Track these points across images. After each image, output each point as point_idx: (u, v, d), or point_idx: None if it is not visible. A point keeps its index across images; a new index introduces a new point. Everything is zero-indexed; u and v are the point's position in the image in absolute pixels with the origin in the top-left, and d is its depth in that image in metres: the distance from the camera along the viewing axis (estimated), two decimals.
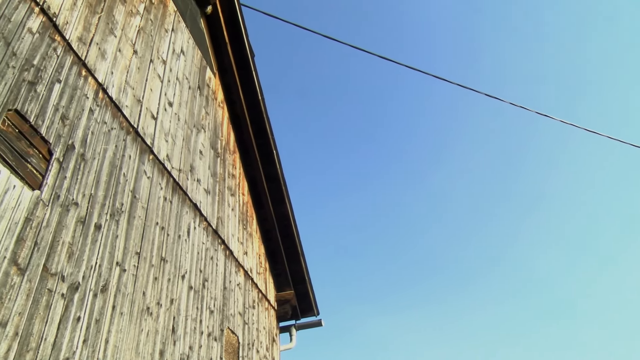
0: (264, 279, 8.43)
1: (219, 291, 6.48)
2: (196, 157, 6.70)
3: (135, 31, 5.81)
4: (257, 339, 7.44)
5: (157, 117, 5.84)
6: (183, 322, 5.36)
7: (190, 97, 6.94)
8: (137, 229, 4.89)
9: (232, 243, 7.29)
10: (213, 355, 5.86)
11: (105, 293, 4.19)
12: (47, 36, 4.22)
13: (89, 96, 4.60)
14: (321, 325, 9.25)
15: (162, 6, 6.71)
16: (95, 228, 4.24)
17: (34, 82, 3.92)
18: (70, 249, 3.87)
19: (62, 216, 3.87)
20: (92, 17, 4.96)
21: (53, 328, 3.50)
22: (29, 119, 3.76)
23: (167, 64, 6.47)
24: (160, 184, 5.57)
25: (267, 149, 8.73)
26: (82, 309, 3.85)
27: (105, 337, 4.05)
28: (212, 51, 8.24)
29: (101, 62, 4.92)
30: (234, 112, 8.52)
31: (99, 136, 4.62)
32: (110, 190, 4.59)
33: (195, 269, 5.94)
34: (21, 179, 3.54)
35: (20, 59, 3.83)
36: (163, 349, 4.84)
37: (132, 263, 4.66)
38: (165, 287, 5.17)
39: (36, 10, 4.16)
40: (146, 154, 5.40)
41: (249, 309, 7.39)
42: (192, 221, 6.15)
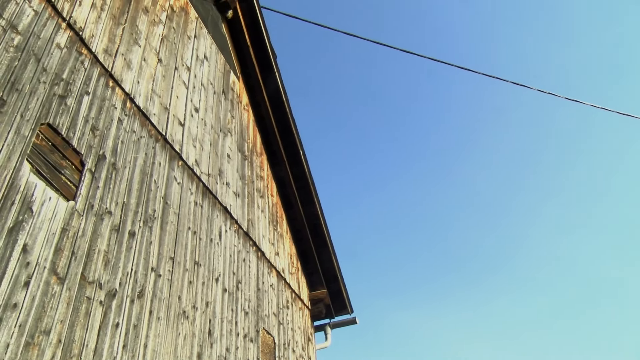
0: (297, 278, 8.47)
1: (253, 292, 6.54)
2: (224, 161, 6.77)
3: (159, 40, 5.90)
4: (293, 338, 7.48)
5: (185, 123, 5.92)
6: (219, 324, 5.42)
7: (215, 102, 7.02)
8: (170, 235, 4.97)
9: (264, 244, 7.34)
10: (250, 356, 5.92)
11: (142, 298, 4.27)
12: (74, 50, 4.32)
13: (117, 106, 4.69)
14: (356, 323, 9.24)
15: (183, 14, 6.80)
16: (129, 235, 4.33)
17: (64, 96, 4.02)
18: (106, 256, 3.96)
19: (97, 225, 3.96)
20: (117, 28, 5.06)
21: (93, 334, 3.59)
22: (61, 131, 3.86)
23: (192, 70, 6.55)
24: (191, 189, 5.64)
25: (294, 149, 8.76)
26: (120, 315, 3.93)
27: (144, 341, 4.13)
28: (234, 55, 8.31)
29: (127, 72, 5.02)
30: (259, 114, 8.57)
31: (129, 145, 4.71)
32: (142, 198, 4.68)
33: (228, 271, 6.00)
34: (56, 191, 3.63)
35: (50, 74, 3.93)
36: (200, 351, 4.91)
37: (166, 268, 4.74)
38: (200, 290, 5.24)
39: (63, 25, 4.26)
40: (175, 160, 5.48)
41: (283, 309, 7.43)
42: (223, 224, 6.22)
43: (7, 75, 3.51)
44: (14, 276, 3.09)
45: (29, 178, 3.43)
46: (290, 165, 8.79)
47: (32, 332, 3.10)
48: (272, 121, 8.57)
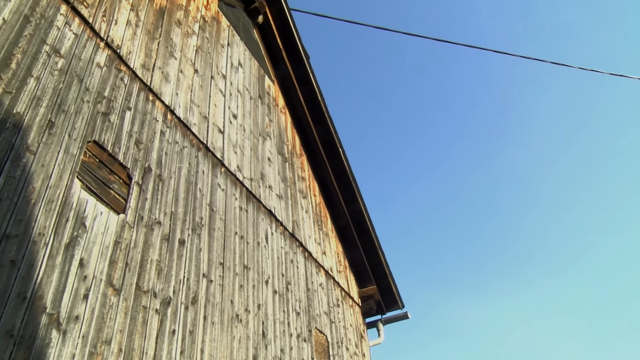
0: (345, 276, 8.48)
1: (303, 293, 6.58)
2: (265, 165, 6.84)
3: (194, 51, 6.01)
4: (345, 336, 7.49)
5: (224, 130, 6.02)
6: (272, 326, 5.48)
7: (252, 107, 7.10)
8: (218, 240, 5.06)
9: (310, 244, 7.38)
10: (304, 356, 5.96)
11: (196, 305, 4.36)
12: (113, 68, 4.45)
13: (158, 119, 4.81)
14: (407, 318, 9.17)
15: (215, 23, 6.91)
16: (179, 244, 4.43)
17: (107, 113, 4.15)
18: (158, 266, 4.07)
19: (148, 236, 4.08)
20: (152, 43, 5.18)
21: (152, 342, 3.69)
22: (107, 147, 3.99)
23: (227, 78, 6.65)
24: (235, 195, 5.73)
25: (333, 148, 8.76)
26: (175, 322, 4.03)
27: (200, 347, 4.22)
28: (268, 59, 8.38)
29: (165, 85, 5.14)
30: (296, 115, 8.62)
31: (172, 156, 4.82)
32: (189, 206, 4.78)
33: (277, 273, 6.06)
34: (107, 205, 3.76)
35: (92, 93, 4.07)
36: (256, 353, 4.98)
37: (217, 273, 4.83)
38: (251, 293, 5.31)
39: (101, 45, 4.40)
40: (218, 168, 5.57)
41: (333, 307, 7.45)
42: (268, 227, 6.29)
43: (54, 98, 3.65)
44: (74, 290, 3.22)
45: (80, 195, 3.56)
46: (331, 164, 8.80)
47: (95, 342, 3.21)
48: (309, 122, 8.60)
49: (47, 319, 2.97)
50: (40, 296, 2.98)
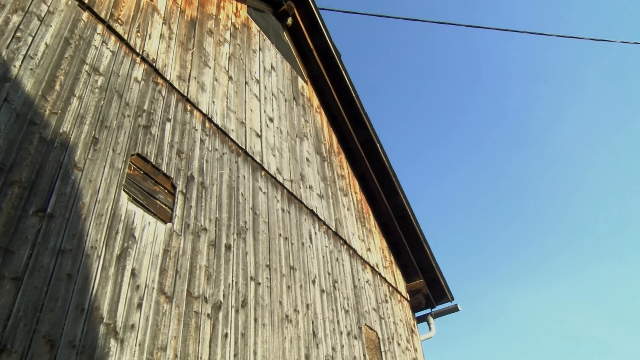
0: (392, 272, 8.43)
1: (350, 290, 6.59)
2: (304, 165, 6.88)
3: (227, 58, 6.10)
4: (396, 332, 7.45)
5: (262, 134, 6.08)
6: (321, 324, 5.51)
7: (288, 109, 7.15)
8: (263, 243, 5.12)
9: (354, 242, 7.37)
10: (356, 353, 5.97)
11: (246, 307, 4.43)
12: (151, 81, 4.57)
13: (197, 128, 4.91)
14: (458, 310, 9.04)
15: (245, 29, 6.99)
16: (225, 248, 4.51)
17: (148, 126, 4.26)
18: (207, 271, 4.15)
19: (195, 242, 4.17)
20: (186, 54, 5.29)
21: (205, 347, 3.77)
22: (150, 159, 4.10)
23: (261, 82, 6.72)
24: (276, 197, 5.78)
25: (371, 144, 8.73)
26: (227, 325, 4.10)
27: (253, 349, 4.28)
28: (299, 60, 8.42)
29: (202, 94, 5.24)
30: (331, 114, 8.63)
31: (213, 163, 4.91)
32: (233, 211, 4.86)
33: (323, 272, 6.09)
34: (153, 215, 3.86)
35: (132, 107, 4.18)
36: (308, 353, 5.02)
37: (264, 276, 4.89)
38: (299, 293, 5.35)
39: (138, 60, 4.52)
40: (258, 171, 5.64)
41: (382, 303, 7.42)
42: (312, 227, 6.32)
43: (97, 115, 3.78)
44: (128, 299, 3.32)
45: (128, 207, 3.67)
46: (369, 160, 8.77)
47: (151, 349, 3.31)
48: (345, 119, 8.60)
49: (105, 328, 3.08)
50: (97, 307, 3.09)
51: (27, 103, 3.27)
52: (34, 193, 3.04)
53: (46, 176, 3.16)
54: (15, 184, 2.95)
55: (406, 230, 9.00)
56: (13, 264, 2.73)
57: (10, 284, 2.67)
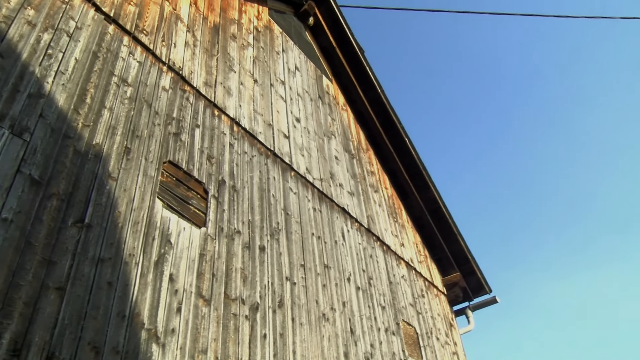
0: (427, 266, 8.36)
1: (386, 286, 6.56)
2: (333, 164, 6.88)
3: (251, 62, 6.15)
4: (434, 326, 7.39)
5: (289, 135, 6.11)
6: (359, 322, 5.51)
7: (314, 109, 7.16)
8: (297, 243, 5.15)
9: (387, 237, 7.34)
10: (395, 349, 5.94)
11: (283, 308, 4.46)
12: (178, 89, 4.64)
13: (225, 132, 4.96)
14: (496, 302, 8.90)
15: (268, 31, 7.03)
16: (260, 250, 4.55)
17: (178, 133, 4.33)
18: (243, 273, 4.19)
19: (230, 245, 4.21)
20: (211, 60, 5.35)
21: (245, 348, 3.81)
22: (181, 166, 4.16)
23: (286, 83, 6.75)
24: (307, 197, 5.80)
25: (399, 138, 8.67)
26: (265, 326, 4.14)
27: (292, 348, 4.31)
28: (323, 59, 8.42)
29: (228, 98, 5.29)
30: (357, 111, 8.61)
31: (243, 166, 4.95)
32: (265, 213, 4.90)
33: (358, 269, 6.08)
34: (188, 221, 3.92)
35: (162, 116, 4.26)
36: (346, 350, 5.02)
37: (299, 275, 4.91)
38: (335, 292, 5.36)
39: (164, 69, 4.60)
40: (288, 172, 5.67)
41: (418, 298, 7.37)
42: (344, 225, 6.32)
43: (128, 125, 3.86)
44: (167, 304, 3.38)
45: (163, 213, 3.74)
46: (399, 155, 8.71)
47: (192, 352, 3.36)
48: (371, 115, 8.56)
49: (146, 334, 3.14)
50: (138, 313, 3.16)
51: (61, 117, 3.36)
52: (72, 205, 3.12)
53: (82, 187, 3.25)
54: (54, 197, 3.03)
55: (439, 223, 8.91)
56: (56, 274, 2.81)
57: (55, 293, 2.75)
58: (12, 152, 2.94)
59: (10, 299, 2.54)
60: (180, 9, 5.30)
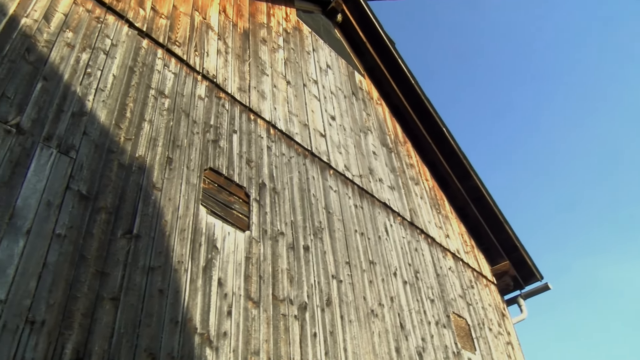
0: (474, 256, 8.23)
1: (433, 279, 6.49)
2: (371, 159, 6.85)
3: (282, 64, 6.19)
4: (486, 317, 7.26)
5: (325, 133, 6.12)
6: (408, 316, 5.47)
7: (348, 105, 7.15)
8: (340, 241, 5.15)
9: (431, 230, 7.26)
10: (447, 342, 5.87)
11: (331, 306, 4.47)
12: (214, 96, 4.71)
13: (262, 136, 5.01)
14: (549, 289, 8.67)
15: (297, 32, 7.06)
16: (304, 250, 4.57)
17: (216, 140, 4.40)
18: (289, 274, 4.23)
19: (274, 247, 4.26)
20: (243, 65, 5.42)
21: (296, 347, 3.84)
22: (222, 172, 4.23)
23: (319, 82, 6.76)
24: (347, 194, 5.80)
25: (436, 128, 8.56)
26: (315, 325, 4.16)
27: (343, 346, 4.31)
28: (354, 55, 8.40)
29: (263, 102, 5.34)
30: (392, 104, 8.54)
31: (282, 168, 4.99)
32: (307, 213, 4.92)
33: (403, 263, 6.04)
34: (232, 225, 3.98)
35: (200, 124, 4.33)
36: (398, 345, 4.99)
37: (345, 273, 4.91)
38: (382, 287, 5.34)
39: (199, 78, 4.68)
40: (327, 171, 5.68)
41: (467, 289, 7.26)
42: (386, 220, 6.29)
43: (168, 136, 3.95)
44: (218, 308, 3.44)
45: (207, 220, 3.81)
46: (437, 145, 8.60)
47: (245, 355, 3.41)
48: (407, 107, 8.48)
49: (199, 338, 3.21)
50: (190, 318, 3.23)
51: (103, 133, 3.47)
52: (120, 217, 3.21)
53: (129, 199, 3.34)
54: (102, 210, 3.13)
55: (484, 212, 8.74)
56: (109, 285, 2.90)
57: (110, 304, 2.84)
58: (61, 170, 3.05)
59: (69, 310, 2.64)
60: (210, 18, 5.38)
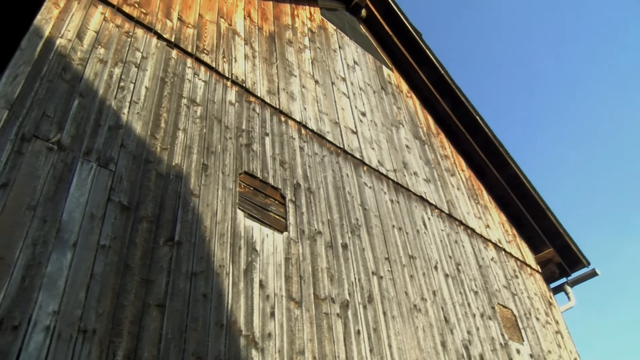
0: (517, 245, 8.07)
1: (476, 271, 6.40)
2: (405, 153, 6.80)
3: (310, 63, 6.21)
4: (532, 306, 7.12)
5: (357, 130, 6.11)
6: (452, 310, 5.41)
7: (378, 100, 7.12)
8: (378, 237, 5.13)
9: (470, 220, 7.16)
10: (493, 334, 5.78)
11: (373, 302, 4.46)
12: (244, 101, 4.77)
13: (294, 137, 5.04)
14: (597, 275, 8.42)
15: (322, 31, 7.06)
16: (342, 248, 4.58)
17: (249, 143, 4.45)
18: (329, 272, 4.24)
19: (313, 247, 4.28)
20: (271, 68, 5.46)
21: (341, 345, 3.85)
22: (257, 175, 4.28)
23: (347, 79, 6.75)
24: (383, 189, 5.77)
25: (469, 118, 8.42)
26: (358, 322, 4.16)
27: (387, 342, 4.30)
28: (380, 49, 8.35)
29: (293, 103, 5.37)
30: (422, 96, 8.45)
31: (316, 167, 5.01)
32: (343, 211, 4.92)
33: (444, 256, 5.97)
34: (269, 227, 4.02)
35: (232, 129, 4.39)
36: (443, 339, 4.95)
37: (385, 268, 4.90)
38: (423, 281, 5.30)
39: (228, 84, 4.74)
40: (360, 167, 5.67)
41: (512, 279, 7.13)
42: (423, 213, 6.23)
43: (202, 143, 4.01)
44: (261, 310, 3.48)
45: (245, 223, 3.85)
46: (472, 135, 8.46)
47: (290, 355, 3.44)
48: (437, 98, 8.38)
49: (245, 340, 3.25)
50: (234, 321, 3.27)
51: (140, 144, 3.55)
52: (161, 225, 3.29)
53: (168, 208, 3.41)
54: (144, 220, 3.21)
55: (524, 199, 8.56)
56: (154, 292, 2.97)
57: (156, 310, 2.91)
58: (101, 183, 3.14)
59: (118, 319, 2.72)
60: (235, 24, 5.45)
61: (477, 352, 5.29)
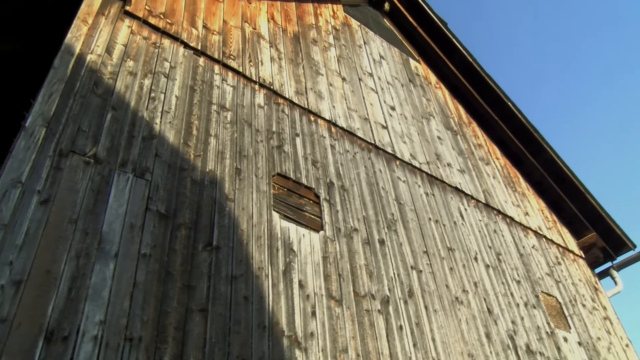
0: (557, 231, 7.88)
1: (517, 260, 6.28)
2: (437, 145, 6.73)
3: (336, 61, 6.20)
4: (577, 293, 6.94)
5: (387, 124, 6.07)
6: (495, 300, 5.32)
7: (407, 93, 7.05)
8: (415, 231, 5.09)
9: (508, 209, 7.03)
10: (538, 322, 5.66)
11: (413, 297, 4.43)
12: (272, 103, 4.79)
13: (324, 135, 5.04)
14: None
15: (346, 28, 7.04)
16: (380, 244, 4.56)
17: (280, 145, 4.47)
18: (367, 269, 4.22)
19: (350, 244, 4.27)
20: (297, 69, 5.47)
21: (384, 341, 3.83)
22: (290, 176, 4.29)
23: (374, 74, 6.71)
24: (417, 183, 5.72)
25: (501, 105, 8.26)
26: (400, 317, 4.13)
27: (431, 336, 4.26)
28: (406, 42, 8.27)
29: (321, 102, 5.37)
30: (452, 85, 8.34)
31: (348, 165, 5.00)
32: (378, 206, 4.90)
33: (483, 247, 5.88)
34: (305, 227, 4.03)
35: (262, 132, 4.42)
36: (487, 331, 4.87)
37: (424, 262, 4.85)
38: (463, 273, 5.23)
39: (256, 87, 4.77)
40: (393, 162, 5.63)
41: (554, 266, 6.97)
42: (460, 204, 6.15)
43: (234, 148, 4.05)
44: (302, 310, 3.50)
45: (281, 224, 3.88)
46: (505, 122, 8.30)
47: (333, 353, 3.44)
48: (467, 87, 8.25)
49: (288, 341, 3.27)
50: (277, 322, 3.30)
51: (174, 152, 3.61)
52: (199, 230, 3.33)
53: (205, 213, 3.46)
54: (182, 226, 3.26)
55: (563, 185, 8.35)
56: (196, 297, 3.02)
57: (199, 315, 2.95)
58: (139, 193, 3.21)
59: (162, 325, 2.77)
60: (260, 27, 5.48)
61: (523, 342, 5.19)
